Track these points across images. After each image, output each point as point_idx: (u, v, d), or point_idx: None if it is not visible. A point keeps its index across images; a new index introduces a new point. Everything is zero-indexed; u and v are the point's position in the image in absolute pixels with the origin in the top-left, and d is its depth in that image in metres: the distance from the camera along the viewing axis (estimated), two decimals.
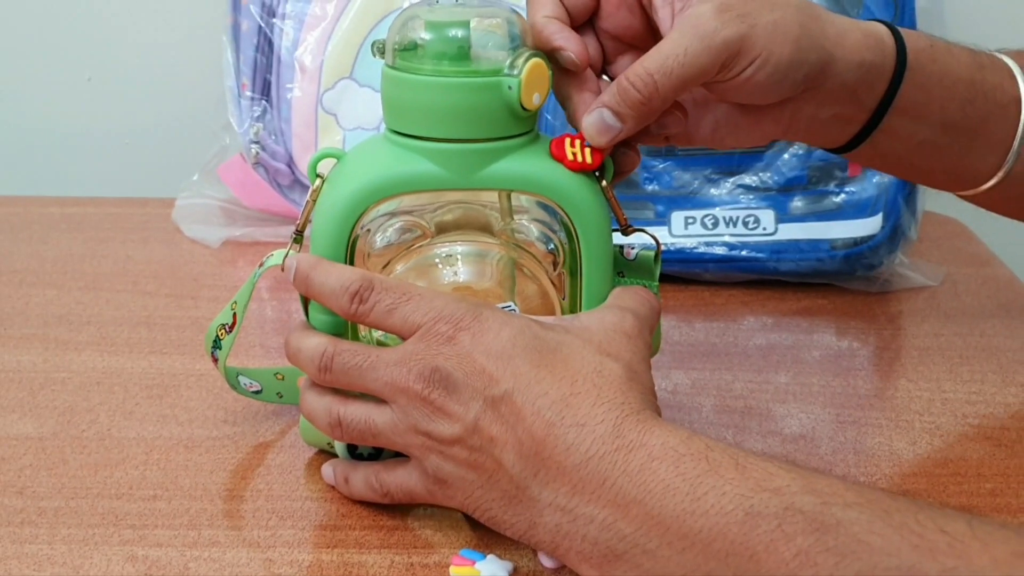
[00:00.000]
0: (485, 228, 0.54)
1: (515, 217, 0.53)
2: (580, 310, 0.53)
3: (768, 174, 0.78)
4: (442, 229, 0.53)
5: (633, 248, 0.56)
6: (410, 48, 0.51)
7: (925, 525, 0.39)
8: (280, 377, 0.60)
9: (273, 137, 0.86)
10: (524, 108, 0.50)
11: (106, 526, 0.51)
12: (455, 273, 0.53)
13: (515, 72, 0.50)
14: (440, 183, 0.51)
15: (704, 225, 0.78)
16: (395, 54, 0.52)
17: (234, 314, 0.56)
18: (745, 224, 0.77)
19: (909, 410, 0.62)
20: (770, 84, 0.51)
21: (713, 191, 0.78)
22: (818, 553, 0.39)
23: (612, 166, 0.54)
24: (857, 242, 0.76)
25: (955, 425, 0.60)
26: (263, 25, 0.86)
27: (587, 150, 0.52)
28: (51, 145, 1.01)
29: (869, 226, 0.76)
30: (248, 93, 0.86)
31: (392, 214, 0.53)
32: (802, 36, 0.51)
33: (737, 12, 0.49)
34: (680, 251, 0.77)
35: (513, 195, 0.53)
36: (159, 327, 0.71)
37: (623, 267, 0.56)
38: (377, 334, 0.54)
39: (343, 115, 0.86)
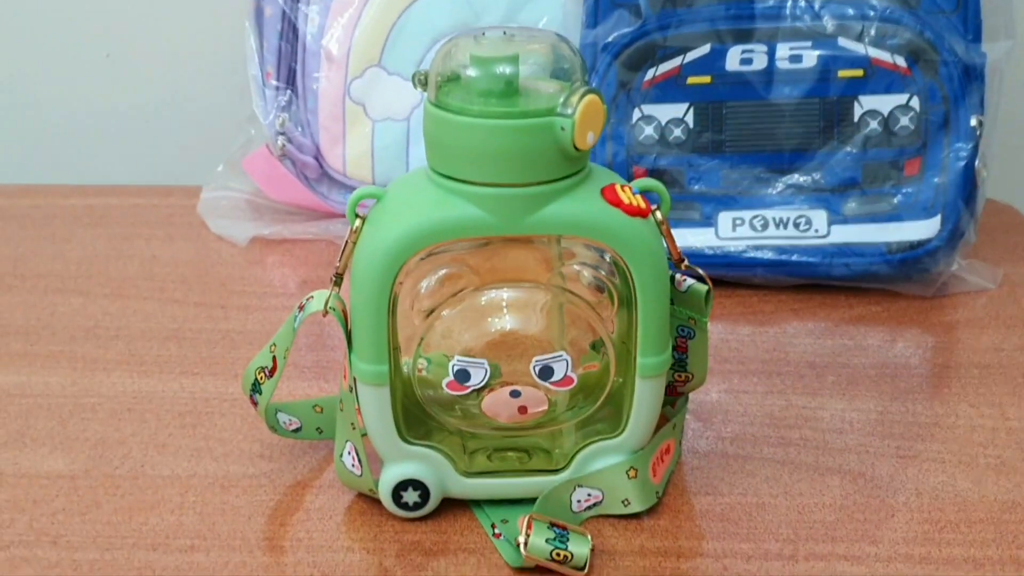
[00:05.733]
0: (533, 270, 0.51)
1: (564, 261, 0.51)
2: (635, 344, 0.51)
3: (820, 173, 0.74)
4: (487, 271, 0.51)
5: (685, 279, 0.54)
6: (454, 83, 0.48)
7: None
8: (319, 409, 0.58)
9: (300, 128, 0.83)
10: (577, 149, 0.47)
11: None
12: (502, 320, 0.51)
13: (568, 111, 0.47)
14: (486, 229, 0.48)
15: (753, 227, 0.74)
16: (438, 89, 0.48)
17: (274, 357, 0.54)
18: (796, 226, 0.74)
19: (972, 442, 0.59)
20: None
21: (763, 191, 0.74)
22: None
23: (668, 196, 0.52)
24: (914, 246, 0.73)
25: (1022, 460, 0.58)
26: (287, 11, 0.82)
27: (639, 196, 0.49)
28: (71, 130, 0.98)
29: (927, 229, 0.72)
30: (273, 82, 0.83)
31: (433, 253, 0.50)
32: None
33: None
34: (727, 255, 0.74)
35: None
36: (189, 342, 0.69)
37: (673, 296, 0.53)
38: (420, 364, 0.51)
39: (371, 105, 0.83)
